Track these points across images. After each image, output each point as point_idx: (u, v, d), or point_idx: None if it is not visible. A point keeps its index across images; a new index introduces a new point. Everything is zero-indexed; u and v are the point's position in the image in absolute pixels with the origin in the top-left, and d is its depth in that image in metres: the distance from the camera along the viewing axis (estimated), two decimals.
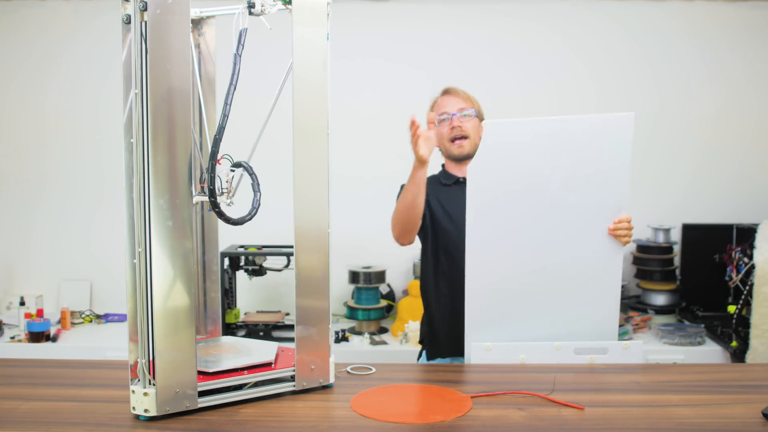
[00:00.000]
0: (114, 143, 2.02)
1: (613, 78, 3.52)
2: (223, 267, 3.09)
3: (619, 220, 1.98)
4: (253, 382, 1.60)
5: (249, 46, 1.54)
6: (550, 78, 3.50)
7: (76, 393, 1.66)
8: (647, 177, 3.54)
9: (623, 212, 1.99)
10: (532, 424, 1.47)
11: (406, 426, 1.45)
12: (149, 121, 1.43)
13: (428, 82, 3.49)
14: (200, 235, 1.85)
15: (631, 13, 3.50)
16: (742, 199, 3.52)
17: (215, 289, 1.89)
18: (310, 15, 1.59)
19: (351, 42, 3.41)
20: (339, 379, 1.74)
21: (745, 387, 1.73)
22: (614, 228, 1.98)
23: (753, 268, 2.88)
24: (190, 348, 1.50)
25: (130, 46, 1.47)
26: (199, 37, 1.78)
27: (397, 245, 2.22)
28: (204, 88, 1.78)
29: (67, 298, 3.46)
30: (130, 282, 1.50)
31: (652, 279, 3.38)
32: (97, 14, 3.49)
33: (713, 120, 3.53)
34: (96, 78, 3.49)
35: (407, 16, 3.50)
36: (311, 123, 1.62)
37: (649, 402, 1.62)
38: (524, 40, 3.51)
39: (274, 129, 1.69)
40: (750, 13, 3.49)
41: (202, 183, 1.53)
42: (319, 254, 1.65)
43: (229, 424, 1.46)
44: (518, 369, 1.90)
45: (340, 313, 3.38)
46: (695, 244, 3.43)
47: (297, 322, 1.64)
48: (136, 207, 1.46)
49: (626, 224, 1.98)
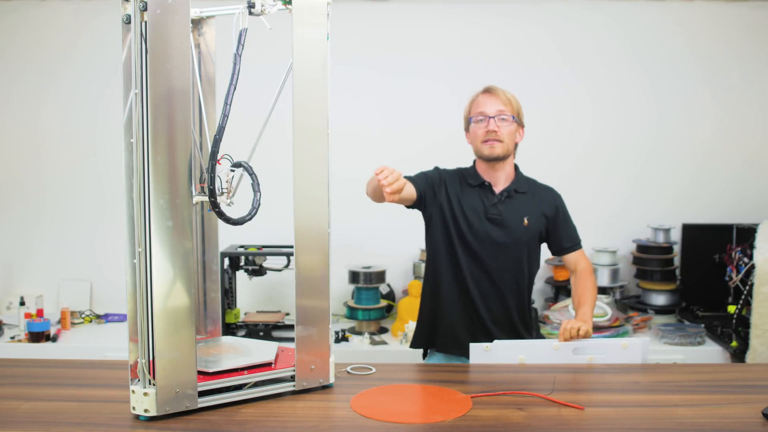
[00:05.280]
0: (114, 143, 2.02)
1: (614, 78, 3.52)
2: (223, 267, 3.09)
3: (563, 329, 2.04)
4: (253, 382, 1.60)
5: (249, 46, 1.54)
6: (550, 78, 3.50)
7: (76, 393, 1.66)
8: (647, 177, 3.54)
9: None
10: (532, 424, 1.47)
11: (406, 426, 1.45)
12: (149, 121, 1.43)
13: (428, 82, 3.52)
14: (200, 235, 1.85)
15: (630, 14, 3.50)
16: (742, 199, 3.51)
17: (215, 289, 1.89)
18: (310, 15, 1.59)
19: (351, 42, 3.41)
20: (339, 379, 1.74)
21: (745, 387, 1.73)
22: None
23: (753, 268, 2.88)
24: (190, 348, 1.50)
25: (130, 46, 1.47)
26: (199, 37, 1.78)
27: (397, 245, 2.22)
28: (204, 88, 1.78)
29: (67, 298, 3.46)
30: (130, 282, 1.50)
31: (652, 279, 3.38)
32: (97, 14, 3.49)
33: (713, 120, 3.53)
34: (96, 78, 3.48)
35: (407, 16, 3.50)
36: (311, 123, 1.62)
37: (649, 402, 1.63)
38: (524, 41, 3.51)
39: (274, 129, 1.69)
40: (750, 14, 3.49)
41: (202, 183, 1.53)
42: (319, 254, 1.65)
43: (229, 424, 1.46)
44: (518, 369, 1.91)
45: (340, 313, 3.38)
46: (695, 244, 3.43)
47: (297, 322, 1.64)
48: (136, 207, 1.46)
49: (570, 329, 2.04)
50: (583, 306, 2.21)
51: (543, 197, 2.30)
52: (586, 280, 2.28)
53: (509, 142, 2.22)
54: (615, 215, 3.53)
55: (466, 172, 2.31)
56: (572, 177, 3.44)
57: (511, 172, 2.29)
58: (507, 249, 2.22)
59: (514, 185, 2.27)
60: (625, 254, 3.52)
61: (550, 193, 2.33)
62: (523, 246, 2.25)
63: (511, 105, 2.23)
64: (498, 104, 2.21)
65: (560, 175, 2.48)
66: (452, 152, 2.50)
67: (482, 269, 2.21)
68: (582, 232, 2.35)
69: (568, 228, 2.33)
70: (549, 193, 2.33)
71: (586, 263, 2.33)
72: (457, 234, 2.22)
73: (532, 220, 2.25)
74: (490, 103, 2.22)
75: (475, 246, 2.21)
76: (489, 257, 2.21)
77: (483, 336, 2.19)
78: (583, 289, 2.26)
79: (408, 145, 3.42)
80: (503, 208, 2.23)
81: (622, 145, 3.53)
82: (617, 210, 3.54)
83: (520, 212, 2.24)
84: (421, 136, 3.46)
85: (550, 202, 2.30)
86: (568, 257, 2.33)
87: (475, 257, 2.21)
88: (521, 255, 2.25)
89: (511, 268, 2.23)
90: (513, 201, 2.25)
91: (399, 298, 3.43)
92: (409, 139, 3.47)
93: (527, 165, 2.42)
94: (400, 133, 3.52)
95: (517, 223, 2.23)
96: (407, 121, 3.52)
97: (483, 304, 2.22)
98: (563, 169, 3.43)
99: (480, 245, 2.21)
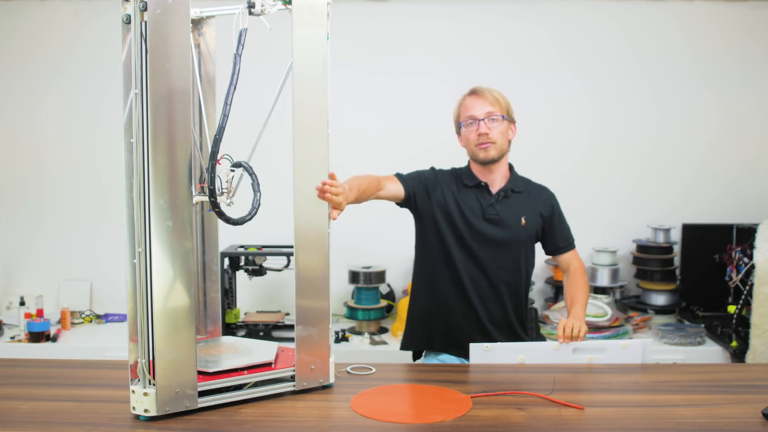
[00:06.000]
0: (114, 143, 2.02)
1: (614, 78, 3.51)
2: (223, 267, 3.09)
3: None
4: (253, 382, 1.60)
5: (249, 46, 1.54)
6: (550, 78, 3.50)
7: (76, 393, 1.66)
8: (647, 177, 3.54)
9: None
10: (532, 424, 1.47)
11: (406, 426, 1.45)
12: (149, 121, 1.43)
13: (428, 82, 3.52)
14: (200, 235, 1.85)
15: (630, 14, 3.49)
16: (742, 199, 3.51)
17: (215, 289, 1.89)
18: (310, 15, 1.59)
19: (350, 42, 3.41)
20: (339, 379, 1.74)
21: (745, 387, 1.73)
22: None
23: (753, 268, 2.88)
24: (190, 348, 1.50)
25: (130, 46, 1.47)
26: (199, 37, 1.78)
27: (397, 245, 2.22)
28: (204, 88, 1.78)
29: (67, 298, 3.46)
30: (130, 282, 1.50)
31: (652, 279, 3.38)
32: (97, 14, 3.49)
33: (713, 120, 3.53)
34: (96, 78, 3.48)
35: (407, 16, 3.50)
36: (311, 123, 1.62)
37: (649, 402, 1.63)
38: (524, 41, 3.51)
39: (275, 129, 1.69)
40: (750, 14, 3.49)
41: (202, 183, 1.53)
42: (319, 254, 1.65)
43: (229, 424, 1.46)
44: (518, 369, 1.90)
45: (340, 313, 3.38)
46: (695, 244, 3.43)
47: (297, 322, 1.64)
48: (136, 207, 1.46)
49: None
50: (576, 305, 2.21)
51: (539, 197, 2.31)
52: (579, 280, 2.29)
53: (502, 142, 2.22)
54: (615, 215, 3.53)
55: (462, 172, 2.30)
56: (572, 177, 3.45)
57: (506, 171, 2.29)
58: (505, 249, 2.22)
59: (511, 185, 2.27)
60: (625, 254, 3.51)
61: (546, 193, 2.34)
62: (521, 246, 2.25)
63: (500, 104, 2.21)
64: (486, 105, 2.20)
65: (561, 175, 2.48)
66: (452, 152, 2.50)
67: (480, 269, 2.21)
68: (582, 232, 2.35)
69: (563, 228, 2.34)
70: (544, 192, 2.34)
71: (579, 263, 2.34)
72: (455, 234, 2.22)
73: (530, 220, 2.25)
74: (479, 105, 2.21)
75: (473, 246, 2.20)
76: (487, 257, 2.21)
77: (481, 336, 2.19)
78: (575, 288, 2.27)
79: (408, 145, 3.42)
80: (500, 208, 2.23)
81: (622, 145, 3.53)
82: (617, 210, 3.54)
83: (517, 212, 2.24)
84: (421, 136, 3.45)
85: (546, 201, 2.31)
86: (562, 257, 2.34)
87: (473, 257, 2.21)
88: (519, 255, 2.25)
89: (508, 268, 2.23)
90: (510, 201, 2.25)
91: (399, 298, 3.43)
92: (409, 140, 3.47)
93: (528, 165, 2.42)
94: (400, 133, 3.51)
95: (515, 223, 2.23)
96: (407, 121, 3.52)
97: (481, 305, 2.22)
98: (563, 169, 3.43)
99: (478, 245, 2.21)
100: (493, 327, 2.23)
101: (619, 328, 2.99)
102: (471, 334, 2.20)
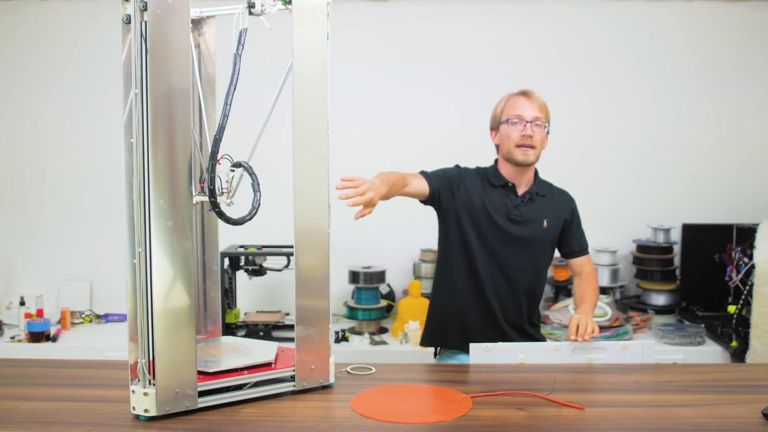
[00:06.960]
0: (114, 144, 2.02)
1: (614, 78, 3.51)
2: (223, 267, 3.09)
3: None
4: (253, 382, 1.60)
5: (249, 46, 1.54)
6: (550, 78, 3.49)
7: (76, 393, 1.66)
8: (647, 177, 3.54)
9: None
10: (532, 424, 1.47)
11: (406, 426, 1.45)
12: (149, 121, 1.43)
13: (428, 82, 3.52)
14: (200, 235, 1.85)
15: (630, 14, 3.49)
16: (742, 199, 3.51)
17: (215, 289, 1.89)
18: (310, 15, 1.59)
19: (351, 42, 3.40)
20: (339, 379, 1.74)
21: (745, 387, 1.73)
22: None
23: (753, 268, 2.88)
24: (190, 348, 1.50)
25: (130, 46, 1.47)
26: (199, 37, 1.78)
27: (397, 245, 2.22)
28: (204, 88, 1.78)
29: (67, 298, 3.46)
30: (130, 282, 1.50)
31: (652, 279, 3.38)
32: (97, 14, 3.49)
33: (713, 120, 3.53)
34: (96, 79, 3.48)
35: (407, 15, 3.50)
36: (311, 123, 1.62)
37: (649, 402, 1.63)
38: (525, 41, 3.51)
39: (275, 129, 1.69)
40: (750, 14, 3.49)
41: (202, 183, 1.53)
42: (319, 254, 1.65)
43: (229, 424, 1.46)
44: (518, 369, 1.91)
45: (340, 313, 3.38)
46: (695, 244, 3.43)
47: (297, 322, 1.64)
48: (136, 207, 1.46)
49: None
50: (585, 302, 2.23)
51: (561, 201, 2.33)
52: (591, 283, 2.33)
53: (540, 149, 2.24)
54: (615, 215, 3.53)
55: (488, 171, 2.30)
56: (573, 177, 3.42)
57: (531, 175, 2.31)
58: (526, 250, 2.23)
59: (535, 188, 2.29)
60: (625, 254, 3.51)
61: (567, 197, 2.37)
62: (541, 248, 2.27)
63: (545, 112, 2.24)
64: (535, 110, 2.22)
65: (561, 175, 2.48)
66: (453, 152, 2.50)
67: (500, 269, 2.22)
68: None
69: (580, 232, 2.37)
70: (566, 196, 2.37)
71: (591, 268, 2.38)
72: (477, 232, 2.22)
73: (552, 223, 2.27)
74: (528, 107, 2.22)
75: (495, 246, 2.21)
76: (508, 257, 2.22)
77: (496, 335, 2.21)
78: (587, 289, 2.30)
79: (408, 145, 3.42)
80: (525, 210, 2.24)
81: (622, 145, 3.53)
82: (617, 210, 3.54)
83: (540, 214, 2.26)
84: (421, 136, 3.45)
85: (567, 205, 2.34)
86: (576, 261, 2.37)
87: (493, 257, 2.22)
88: (538, 257, 2.27)
89: (527, 269, 2.25)
90: (534, 203, 2.27)
91: (399, 298, 3.43)
92: (409, 140, 3.47)
93: None
94: (401, 134, 3.51)
95: (537, 225, 2.25)
96: (407, 121, 3.51)
97: (498, 304, 2.23)
98: (564, 169, 3.40)
99: (500, 245, 2.21)
100: (509, 326, 2.25)
101: (619, 328, 2.99)
102: (488, 333, 2.20)
